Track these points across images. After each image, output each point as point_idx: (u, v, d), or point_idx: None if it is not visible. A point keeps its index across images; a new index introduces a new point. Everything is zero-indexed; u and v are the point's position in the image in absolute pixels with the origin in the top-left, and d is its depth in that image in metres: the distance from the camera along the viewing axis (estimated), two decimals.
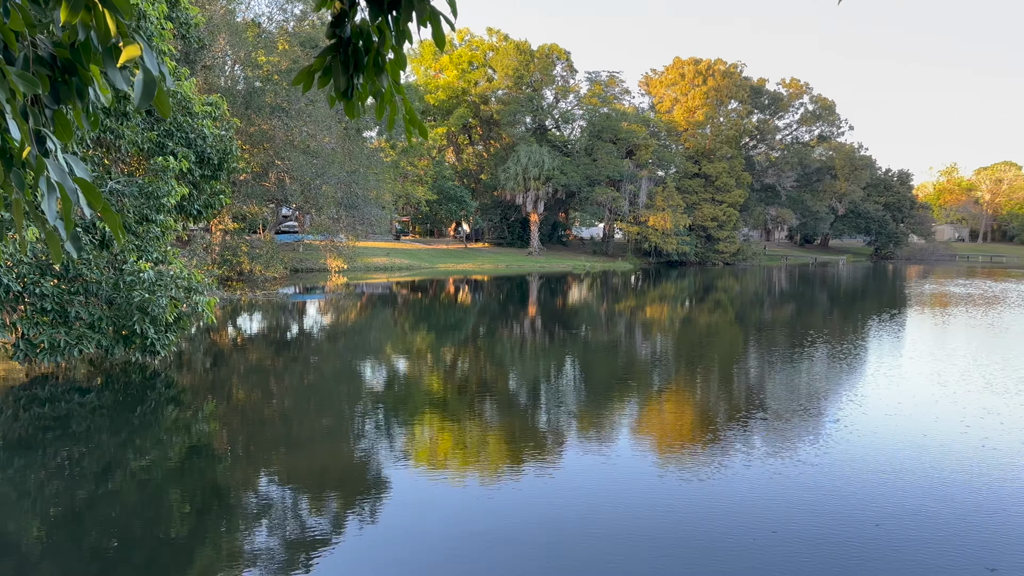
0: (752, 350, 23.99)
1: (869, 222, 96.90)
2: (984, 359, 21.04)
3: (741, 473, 10.91)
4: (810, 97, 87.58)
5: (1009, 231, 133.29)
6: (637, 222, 71.43)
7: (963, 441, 12.65)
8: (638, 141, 71.23)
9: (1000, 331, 27.77)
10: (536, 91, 74.88)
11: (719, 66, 77.52)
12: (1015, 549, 8.42)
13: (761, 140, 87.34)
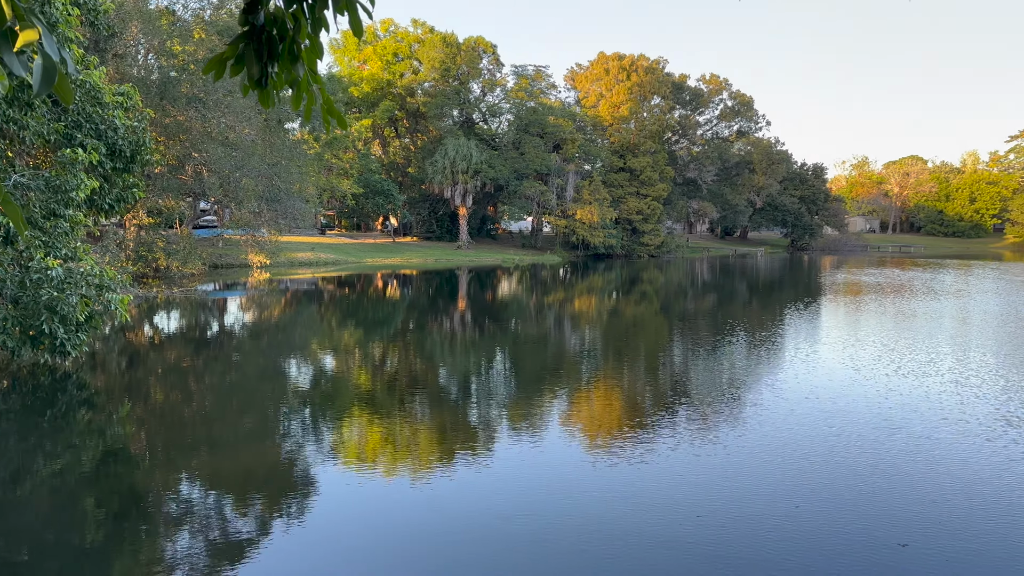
0: (676, 340, 24.58)
1: (786, 215, 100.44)
2: (893, 344, 22.11)
3: (667, 460, 11.17)
4: (729, 93, 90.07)
5: (916, 222, 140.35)
6: (565, 216, 72.13)
7: (876, 423, 13.27)
8: (565, 135, 71.87)
9: (907, 317, 29.23)
10: (463, 84, 74.63)
11: (642, 62, 78.87)
12: (925, 525, 8.87)
13: (683, 135, 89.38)
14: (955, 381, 16.74)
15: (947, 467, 10.90)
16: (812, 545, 8.34)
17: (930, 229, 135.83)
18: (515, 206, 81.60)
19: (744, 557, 8.06)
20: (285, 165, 45.39)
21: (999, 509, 9.40)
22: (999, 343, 23.15)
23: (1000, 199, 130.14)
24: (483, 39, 75.04)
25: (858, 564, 7.91)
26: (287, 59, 2.84)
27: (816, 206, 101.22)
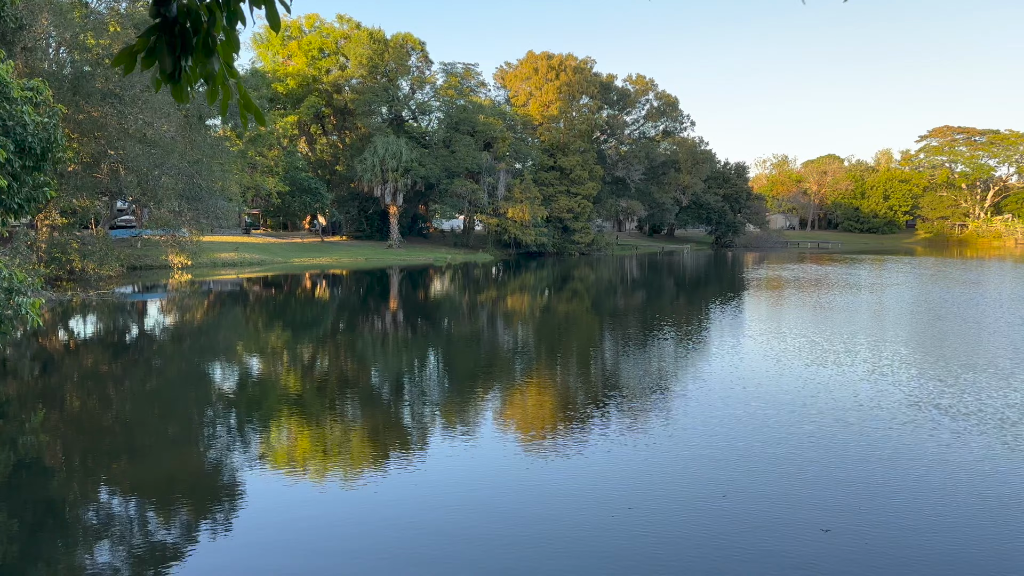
0: (608, 336, 24.94)
1: (710, 212, 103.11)
2: (813, 336, 22.96)
3: (600, 453, 11.32)
4: (655, 94, 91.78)
5: (834, 219, 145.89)
6: (496, 214, 72.27)
7: (798, 411, 13.75)
8: (495, 134, 71.99)
9: (826, 310, 30.41)
10: (391, 81, 73.87)
11: (570, 62, 79.65)
12: (846, 511, 9.23)
13: (611, 134, 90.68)
14: (871, 370, 17.50)
15: (866, 452, 11.39)
16: (739, 533, 8.59)
17: (847, 226, 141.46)
18: (447, 205, 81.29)
19: (674, 545, 8.23)
20: (207, 163, 44.02)
21: (915, 492, 9.87)
22: (910, 334, 24.31)
23: (912, 196, 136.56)
24: (411, 36, 74.49)
25: (783, 549, 8.18)
26: (202, 53, 2.75)
27: (739, 204, 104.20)
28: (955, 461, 10.96)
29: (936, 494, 9.71)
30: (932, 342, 22.51)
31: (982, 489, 9.86)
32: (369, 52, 70.74)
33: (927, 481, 10.19)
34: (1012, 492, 9.74)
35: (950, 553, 8.12)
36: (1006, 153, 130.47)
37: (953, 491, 9.79)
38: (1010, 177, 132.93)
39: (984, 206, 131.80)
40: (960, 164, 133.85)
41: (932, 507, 9.32)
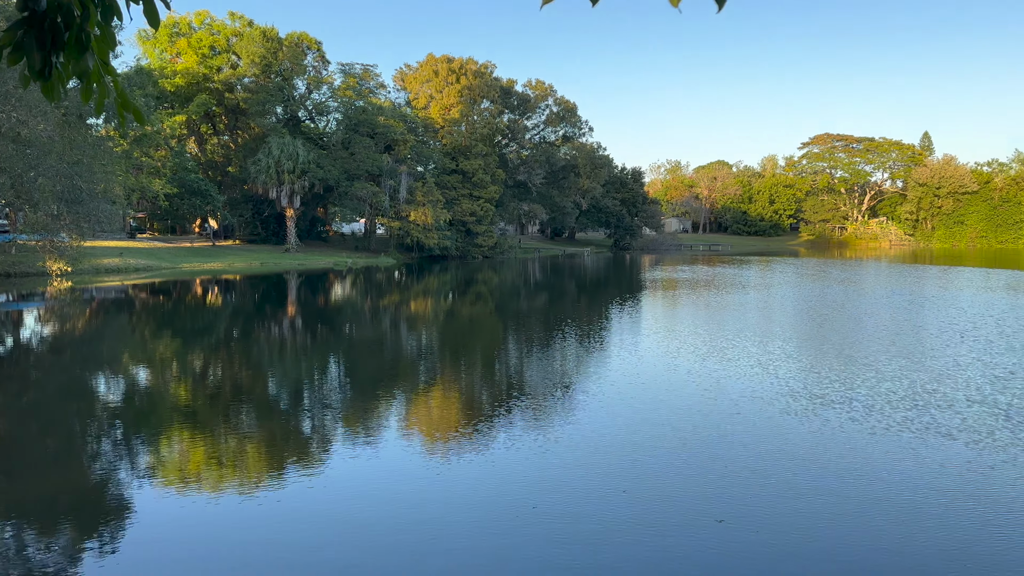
0: (511, 337, 25.12)
1: (609, 216, 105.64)
2: (705, 332, 23.88)
3: (503, 455, 11.38)
4: (554, 99, 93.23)
5: (724, 222, 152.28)
6: (399, 217, 71.54)
7: (692, 405, 14.26)
8: (396, 136, 71.26)
9: (717, 309, 31.69)
10: (287, 80, 71.93)
11: (471, 65, 79.84)
12: (739, 502, 9.63)
13: (512, 139, 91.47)
14: (756, 364, 18.35)
15: (753, 441, 11.93)
16: (638, 527, 8.82)
17: (736, 229, 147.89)
18: (347, 207, 79.83)
19: (576, 542, 8.37)
20: (88, 164, 41.55)
21: (804, 480, 10.41)
22: (793, 330, 25.67)
23: (795, 201, 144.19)
24: (307, 35, 72.79)
25: (681, 542, 8.46)
26: (74, 49, 2.58)
27: (636, 208, 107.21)
28: (825, 448, 11.65)
29: (813, 481, 10.28)
30: (812, 337, 23.84)
31: (849, 475, 10.51)
32: (262, 50, 68.64)
33: (807, 469, 10.77)
34: (876, 477, 10.44)
35: (830, 537, 8.61)
36: (880, 159, 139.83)
37: (824, 477, 10.39)
38: (884, 182, 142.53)
39: (861, 209, 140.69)
40: (839, 170, 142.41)
41: (810, 494, 9.87)
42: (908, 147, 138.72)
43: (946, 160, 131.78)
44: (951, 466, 10.84)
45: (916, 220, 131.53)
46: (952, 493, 9.79)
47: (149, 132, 56.26)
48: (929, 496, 9.69)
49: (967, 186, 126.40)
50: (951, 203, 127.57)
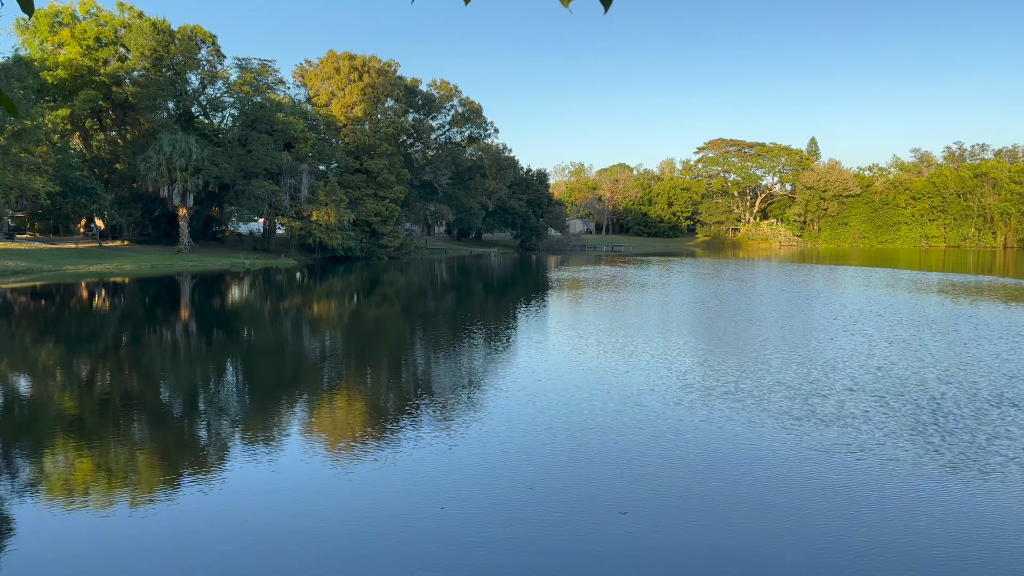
0: (418, 338, 24.88)
1: (515, 217, 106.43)
2: (609, 329, 24.36)
3: (411, 456, 11.23)
4: (460, 100, 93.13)
5: (626, 224, 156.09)
6: (300, 217, 69.69)
7: (595, 400, 14.50)
8: (296, 134, 69.40)
9: (620, 306, 32.42)
10: (179, 74, 68.85)
11: (374, 63, 78.70)
12: (641, 493, 9.84)
13: (418, 139, 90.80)
14: (656, 359, 18.87)
15: (655, 432, 12.23)
16: (545, 523, 8.87)
17: (637, 230, 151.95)
18: (244, 207, 77.15)
19: (484, 541, 8.34)
20: None
21: (700, 467, 10.74)
22: (689, 326, 26.55)
23: (692, 203, 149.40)
24: (201, 28, 69.87)
25: (587, 535, 8.56)
26: None
27: (541, 209, 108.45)
28: (717, 437, 12.10)
29: (707, 469, 10.65)
30: (707, 333, 24.73)
31: (739, 461, 10.95)
32: (153, 43, 65.46)
33: (703, 457, 11.14)
34: (762, 462, 10.91)
35: (727, 522, 8.92)
36: (770, 164, 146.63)
37: (717, 464, 10.79)
38: (774, 185, 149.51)
39: (753, 212, 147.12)
40: (732, 174, 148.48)
41: (706, 482, 10.21)
42: (796, 152, 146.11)
43: (831, 165, 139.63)
44: (826, 450, 11.45)
45: (804, 222, 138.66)
46: (827, 475, 10.34)
47: (29, 127, 52.63)
48: (809, 478, 10.20)
49: (850, 189, 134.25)
50: (836, 205, 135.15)
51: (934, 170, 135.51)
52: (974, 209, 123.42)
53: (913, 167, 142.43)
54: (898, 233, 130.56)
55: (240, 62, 73.64)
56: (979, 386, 16.16)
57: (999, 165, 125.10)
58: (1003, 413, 13.84)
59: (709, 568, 7.85)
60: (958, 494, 9.83)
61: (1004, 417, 13.56)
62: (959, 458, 11.27)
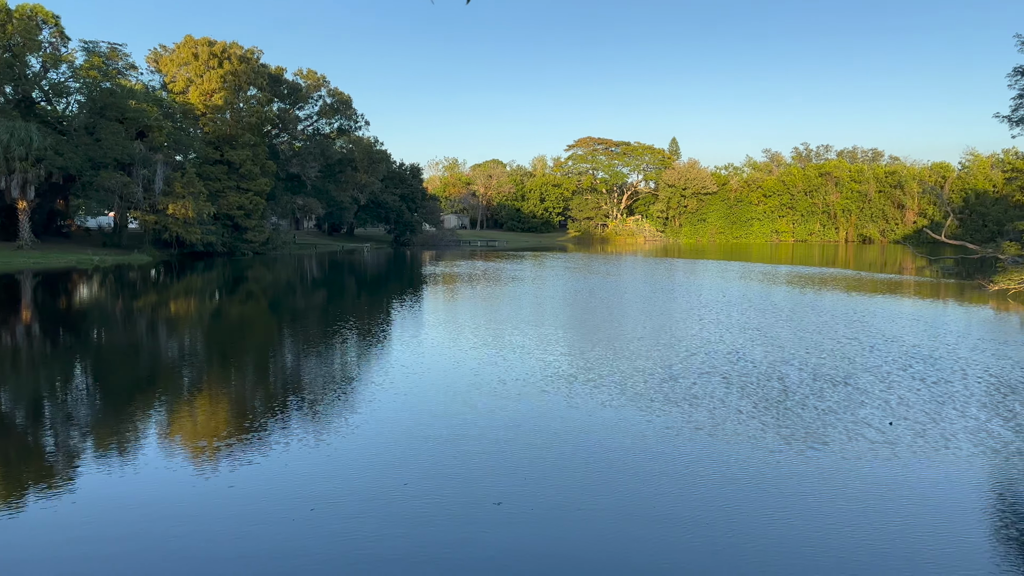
0: (288, 337, 24.06)
1: (388, 212, 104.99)
2: (483, 322, 24.54)
3: (279, 458, 10.87)
4: (328, 90, 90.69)
5: (500, 219, 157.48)
6: (155, 210, 65.58)
7: (469, 393, 14.57)
8: (150, 122, 65.24)
9: (494, 300, 32.71)
10: (17, 57, 63.04)
11: (235, 50, 75.28)
12: (514, 484, 9.98)
13: (284, 129, 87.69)
14: (525, 350, 19.20)
15: (525, 423, 12.44)
16: (417, 517, 8.83)
17: (511, 225, 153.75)
18: (92, 200, 71.87)
19: (358, 539, 8.19)
20: None
21: (566, 452, 11.01)
22: (561, 318, 27.19)
23: (563, 199, 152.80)
24: (42, 7, 64.28)
25: (461, 527, 8.59)
26: None
27: (415, 204, 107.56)
28: (574, 420, 12.51)
29: (571, 453, 10.98)
30: (574, 324, 25.43)
31: (601, 445, 11.37)
32: None
33: (568, 444, 11.46)
34: (619, 445, 11.39)
35: (591, 504, 9.21)
36: (635, 162, 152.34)
37: (581, 447, 11.15)
38: (639, 183, 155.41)
39: (620, 208, 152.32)
40: (600, 171, 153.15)
41: (572, 467, 10.51)
42: (659, 151, 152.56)
43: (690, 164, 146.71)
44: (673, 428, 12.10)
45: (666, 218, 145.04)
46: (672, 450, 10.94)
47: None
48: (656, 454, 10.74)
49: (708, 187, 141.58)
50: (695, 203, 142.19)
51: (783, 169, 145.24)
52: (819, 206, 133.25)
53: (765, 166, 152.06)
54: (751, 229, 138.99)
55: (87, 45, 68.42)
56: (820, 368, 17.52)
57: (841, 165, 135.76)
58: (838, 391, 15.09)
59: (577, 550, 8.08)
60: (792, 462, 10.67)
61: (839, 394, 14.79)
62: (797, 431, 12.21)
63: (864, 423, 12.95)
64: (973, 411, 13.86)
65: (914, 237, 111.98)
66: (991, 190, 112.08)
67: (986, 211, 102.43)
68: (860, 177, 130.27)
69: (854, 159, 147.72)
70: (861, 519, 8.91)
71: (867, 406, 14.08)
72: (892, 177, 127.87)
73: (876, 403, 14.33)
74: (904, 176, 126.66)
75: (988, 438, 12.17)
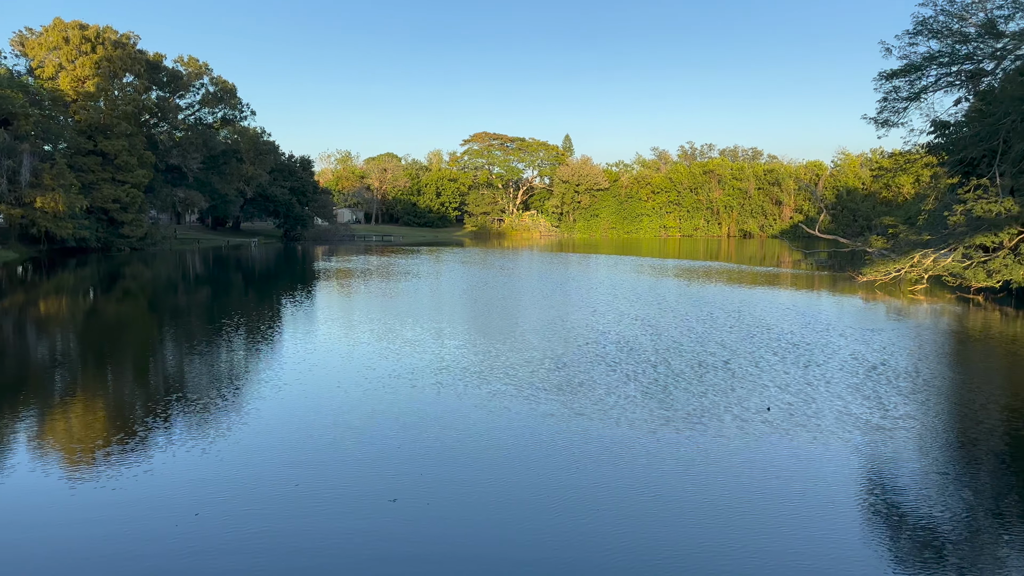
0: (169, 337, 22.96)
1: (277, 205, 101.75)
2: (377, 318, 24.23)
3: (162, 464, 10.42)
4: (211, 78, 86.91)
5: (395, 214, 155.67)
6: (21, 204, 60.97)
7: (364, 390, 14.40)
8: (15, 109, 60.55)
9: (389, 295, 32.35)
10: None
11: (109, 34, 71.01)
12: (408, 481, 9.94)
13: (163, 119, 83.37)
14: (416, 344, 19.15)
15: (417, 418, 12.42)
16: (311, 518, 8.68)
17: (407, 220, 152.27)
18: None
19: (244, 544, 7.97)
20: None
21: (465, 453, 11.08)
22: (457, 312, 27.24)
23: (460, 194, 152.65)
24: None
25: (356, 526, 8.51)
26: None
27: (306, 197, 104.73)
28: (467, 414, 12.65)
29: (460, 444, 11.07)
30: (469, 318, 25.56)
31: (487, 433, 11.55)
32: None
33: (459, 435, 11.55)
34: (498, 430, 11.60)
35: (482, 494, 9.33)
36: (530, 158, 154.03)
37: (468, 437, 11.28)
38: (534, 179, 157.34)
39: (516, 203, 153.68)
40: (496, 166, 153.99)
41: (456, 455, 10.61)
42: (553, 148, 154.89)
43: (583, 160, 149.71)
44: (555, 415, 12.44)
45: (561, 213, 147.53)
46: (551, 434, 11.25)
47: None
48: (537, 440, 11.02)
49: (600, 184, 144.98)
50: (588, 198, 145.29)
51: (670, 167, 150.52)
52: (703, 202, 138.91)
53: (653, 164, 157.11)
54: (641, 224, 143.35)
55: None
56: (702, 355, 18.35)
57: (723, 163, 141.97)
58: (718, 375, 15.86)
59: (474, 540, 8.16)
60: (669, 440, 11.16)
61: (719, 378, 15.55)
62: (678, 413, 12.79)
63: (741, 406, 13.68)
64: (840, 391, 14.90)
65: (791, 232, 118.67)
66: (860, 187, 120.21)
67: (856, 207, 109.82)
68: (741, 175, 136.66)
69: (736, 157, 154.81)
70: (736, 496, 9.43)
71: (744, 389, 14.87)
72: (770, 175, 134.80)
73: (753, 386, 15.16)
74: (781, 174, 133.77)
75: (850, 416, 13.11)
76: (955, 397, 15.24)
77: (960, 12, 34.64)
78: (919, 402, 14.40)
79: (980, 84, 36.48)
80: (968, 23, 34.50)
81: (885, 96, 39.02)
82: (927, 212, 42.58)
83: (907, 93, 38.32)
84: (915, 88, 38.12)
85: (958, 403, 14.72)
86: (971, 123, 34.63)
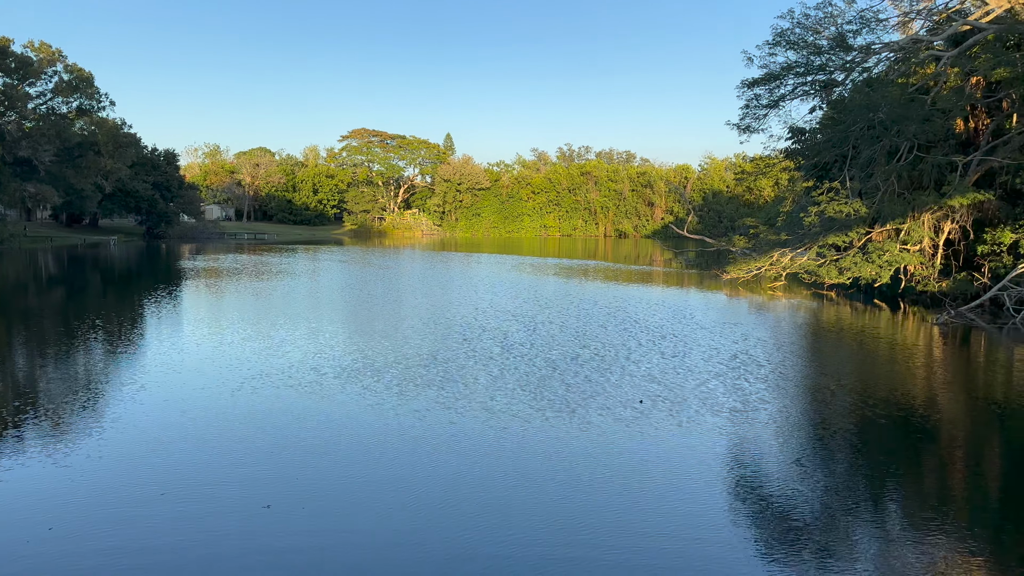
0: (19, 343, 21.20)
1: (139, 201, 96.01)
2: (249, 318, 23.37)
3: (13, 477, 9.63)
4: (65, 66, 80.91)
5: (269, 211, 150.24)
6: None
7: (235, 393, 13.87)
8: None
9: (260, 295, 31.26)
10: None
11: None
12: (282, 488, 9.68)
13: (11, 107, 76.80)
14: (298, 345, 18.67)
15: (290, 420, 12.12)
16: (181, 523, 8.34)
17: (281, 217, 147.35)
18: None
19: (109, 554, 7.53)
20: None
21: (337, 454, 10.91)
22: (333, 312, 26.72)
23: (338, 191, 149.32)
24: None
25: (228, 533, 8.22)
26: None
27: (171, 193, 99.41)
28: (335, 412, 12.55)
29: (327, 444, 10.96)
30: (346, 318, 25.17)
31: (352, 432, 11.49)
32: None
33: (328, 436, 11.40)
34: (367, 427, 11.60)
35: (370, 496, 9.25)
36: (412, 156, 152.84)
37: (336, 439, 11.18)
38: (416, 177, 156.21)
39: (397, 201, 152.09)
40: (376, 164, 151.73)
41: (327, 456, 10.49)
42: (434, 146, 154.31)
43: (465, 160, 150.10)
44: (423, 410, 12.55)
45: (443, 212, 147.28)
46: (420, 430, 11.36)
47: None
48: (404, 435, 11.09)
49: (482, 183, 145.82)
50: (470, 198, 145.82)
51: (550, 168, 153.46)
52: (581, 203, 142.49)
53: (533, 164, 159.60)
54: (522, 223, 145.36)
55: None
56: (577, 349, 18.89)
57: (599, 165, 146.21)
58: (592, 368, 16.39)
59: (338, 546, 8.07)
60: (539, 430, 11.46)
61: (591, 371, 16.07)
62: (552, 404, 13.15)
63: (613, 397, 14.20)
64: (706, 379, 15.76)
65: (662, 232, 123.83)
66: (725, 190, 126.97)
67: (721, 208, 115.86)
68: (616, 177, 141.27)
69: (611, 160, 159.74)
70: (606, 480, 9.79)
71: (616, 380, 15.44)
72: (643, 177, 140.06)
73: (625, 377, 15.77)
74: (653, 176, 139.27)
75: (715, 403, 13.90)
76: (808, 383, 16.47)
77: (814, 25, 37.20)
78: (775, 388, 15.45)
79: (832, 94, 39.34)
80: (822, 36, 37.10)
81: (747, 103, 41.35)
82: (785, 214, 45.49)
83: (767, 101, 40.77)
84: (774, 96, 40.62)
85: (810, 388, 15.92)
86: (824, 130, 37.35)
